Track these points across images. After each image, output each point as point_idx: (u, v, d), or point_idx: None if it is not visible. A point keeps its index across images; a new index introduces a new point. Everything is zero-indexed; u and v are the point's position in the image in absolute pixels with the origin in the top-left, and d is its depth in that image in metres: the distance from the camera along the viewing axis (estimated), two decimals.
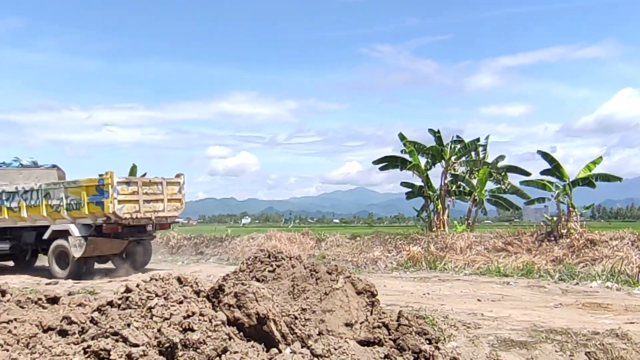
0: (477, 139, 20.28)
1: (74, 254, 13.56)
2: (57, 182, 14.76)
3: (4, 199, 14.65)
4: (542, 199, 17.93)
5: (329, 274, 5.23)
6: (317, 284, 5.09)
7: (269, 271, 5.38)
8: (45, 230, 14.24)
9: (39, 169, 16.36)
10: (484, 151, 20.48)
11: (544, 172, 17.42)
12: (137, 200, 13.62)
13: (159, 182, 14.35)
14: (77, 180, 14.01)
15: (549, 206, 19.83)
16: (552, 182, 17.01)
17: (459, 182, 20.03)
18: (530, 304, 9.39)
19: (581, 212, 16.94)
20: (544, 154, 17.53)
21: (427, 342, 4.72)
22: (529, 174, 19.13)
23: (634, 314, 8.32)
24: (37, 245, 14.87)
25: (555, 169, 17.11)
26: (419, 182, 20.17)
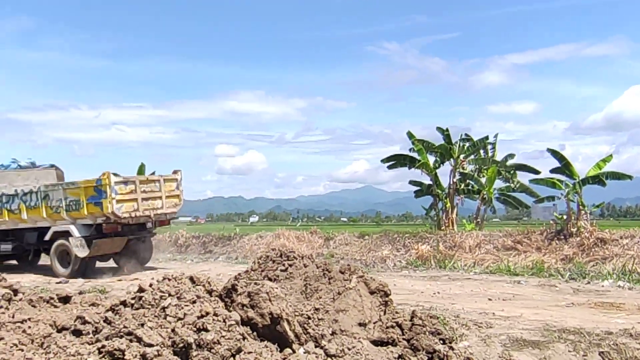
0: (486, 137, 20.18)
1: (77, 254, 13.74)
2: (56, 183, 14.89)
3: (4, 201, 14.81)
4: (551, 197, 17.81)
5: (342, 273, 5.21)
6: (329, 283, 5.07)
7: (281, 270, 5.37)
8: (46, 230, 14.39)
9: (38, 169, 16.43)
10: (493, 149, 20.41)
11: (553, 170, 17.30)
12: (135, 198, 13.74)
13: (157, 180, 14.47)
14: (75, 181, 14.17)
15: (557, 204, 19.72)
16: (561, 181, 16.87)
17: (468, 181, 19.93)
18: (541, 303, 9.32)
19: (591, 211, 16.80)
20: (554, 152, 17.40)
21: (441, 342, 4.69)
22: (538, 172, 18.97)
23: None
24: (39, 245, 15.00)
25: (565, 167, 16.97)
26: (427, 180, 20.13)
